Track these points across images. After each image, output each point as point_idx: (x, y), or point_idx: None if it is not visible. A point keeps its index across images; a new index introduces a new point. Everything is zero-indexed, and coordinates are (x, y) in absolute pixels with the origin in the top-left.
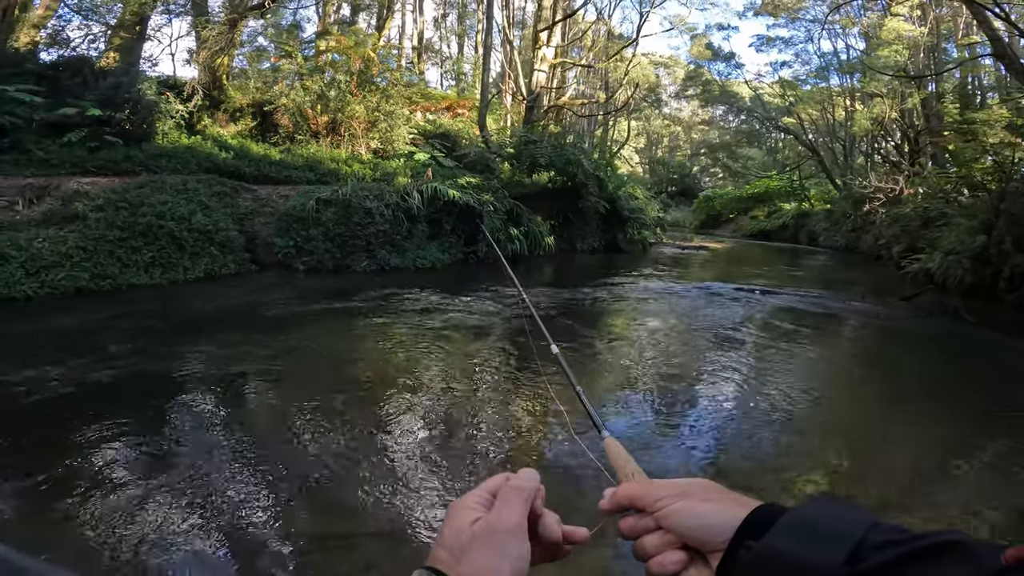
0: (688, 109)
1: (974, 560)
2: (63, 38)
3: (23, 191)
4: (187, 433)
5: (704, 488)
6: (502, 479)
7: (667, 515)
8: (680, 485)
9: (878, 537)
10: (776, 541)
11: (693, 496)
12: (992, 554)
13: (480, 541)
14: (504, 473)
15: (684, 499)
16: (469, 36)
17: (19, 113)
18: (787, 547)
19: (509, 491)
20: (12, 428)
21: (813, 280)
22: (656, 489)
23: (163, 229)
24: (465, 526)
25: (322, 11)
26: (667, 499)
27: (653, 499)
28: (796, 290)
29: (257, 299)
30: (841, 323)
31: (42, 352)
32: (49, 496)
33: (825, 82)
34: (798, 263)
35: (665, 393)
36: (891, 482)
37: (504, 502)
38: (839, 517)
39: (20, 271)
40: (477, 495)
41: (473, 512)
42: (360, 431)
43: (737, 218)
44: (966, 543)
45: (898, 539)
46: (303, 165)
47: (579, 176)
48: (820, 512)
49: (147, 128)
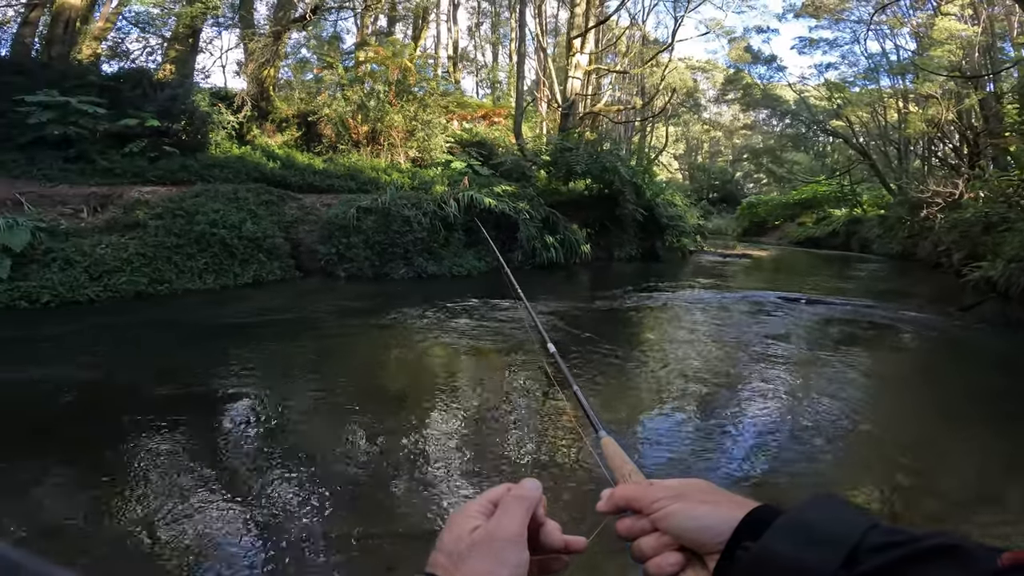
0: (729, 114)
1: (971, 563)
2: (123, 50)
3: (88, 199)
4: (229, 432)
5: (700, 489)
6: (503, 489)
7: (663, 517)
8: (676, 486)
9: (876, 539)
10: (772, 543)
11: (690, 497)
12: (989, 557)
13: (479, 548)
14: (506, 484)
15: (680, 501)
16: (503, 44)
17: (84, 124)
18: (783, 549)
19: (511, 500)
20: (68, 422)
21: (865, 289)
22: (653, 491)
23: (216, 236)
24: (465, 533)
25: (360, 22)
26: (663, 501)
27: (650, 501)
28: (846, 299)
29: (301, 304)
30: (895, 334)
31: (103, 349)
32: (95, 488)
33: (875, 83)
34: (849, 271)
35: (702, 405)
36: (945, 499)
37: (505, 511)
38: (837, 518)
39: (84, 275)
40: (478, 504)
41: (473, 520)
42: (393, 434)
43: (783, 225)
44: (963, 546)
45: (895, 541)
46: (345, 174)
47: (616, 183)
48: (817, 513)
49: (201, 139)
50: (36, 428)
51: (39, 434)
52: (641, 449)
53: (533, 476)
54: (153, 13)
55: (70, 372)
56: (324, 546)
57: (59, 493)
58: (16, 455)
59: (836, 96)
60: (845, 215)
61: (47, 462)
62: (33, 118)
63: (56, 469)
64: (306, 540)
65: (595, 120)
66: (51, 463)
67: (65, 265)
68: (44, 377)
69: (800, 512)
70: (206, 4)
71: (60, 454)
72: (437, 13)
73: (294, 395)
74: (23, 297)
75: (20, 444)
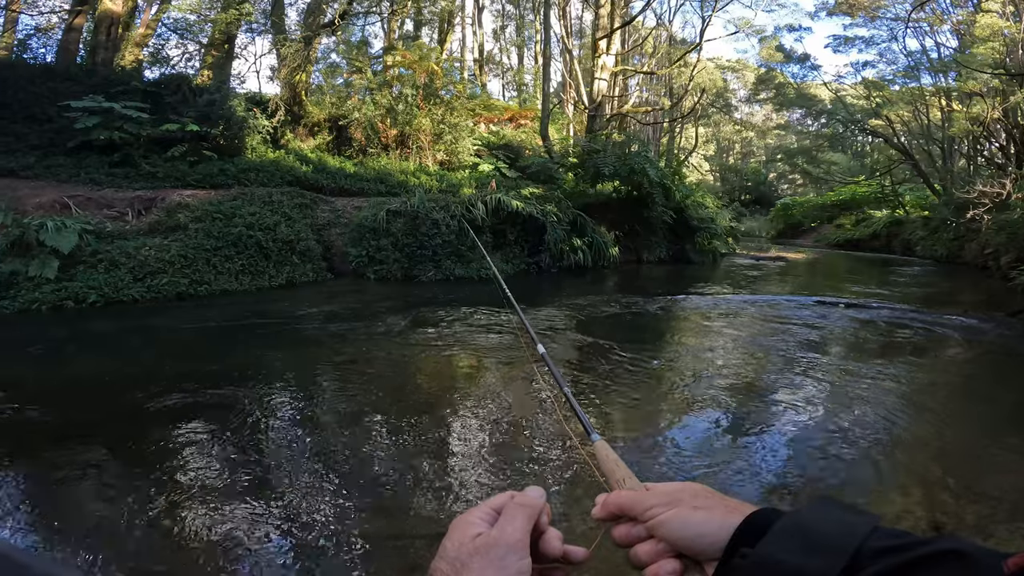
0: (761, 114)
1: (975, 568)
2: (163, 56)
3: (132, 203)
4: (260, 431)
5: (695, 494)
6: (507, 496)
7: (659, 525)
8: (670, 492)
9: (877, 543)
10: (771, 549)
11: (684, 504)
12: (993, 562)
13: (481, 555)
14: (509, 491)
15: (675, 507)
16: (528, 47)
17: (128, 129)
18: (782, 555)
19: (514, 507)
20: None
21: (908, 293)
22: (647, 497)
23: (252, 239)
24: (467, 540)
25: (387, 27)
26: (658, 508)
27: (644, 508)
28: (887, 303)
29: (333, 306)
30: (939, 340)
31: (150, 348)
32: (131, 484)
33: (915, 82)
34: (891, 274)
35: (733, 413)
36: (989, 510)
37: (508, 518)
38: (837, 521)
39: (128, 276)
40: (481, 511)
41: (476, 527)
42: (420, 437)
43: (820, 227)
44: (967, 551)
45: (897, 546)
46: (374, 177)
47: (644, 185)
48: (817, 517)
49: (238, 143)
50: (84, 423)
51: (85, 429)
52: (669, 458)
53: (543, 481)
54: (190, 19)
55: (119, 368)
56: (349, 545)
57: (96, 487)
58: (60, 451)
59: (875, 95)
60: (886, 217)
61: (89, 458)
62: (80, 123)
63: (98, 463)
64: (331, 538)
65: (622, 122)
66: (94, 459)
67: (111, 266)
68: (97, 374)
69: (799, 516)
70: (240, 10)
71: (104, 450)
72: (462, 16)
73: (325, 395)
74: (70, 297)
75: (66, 440)
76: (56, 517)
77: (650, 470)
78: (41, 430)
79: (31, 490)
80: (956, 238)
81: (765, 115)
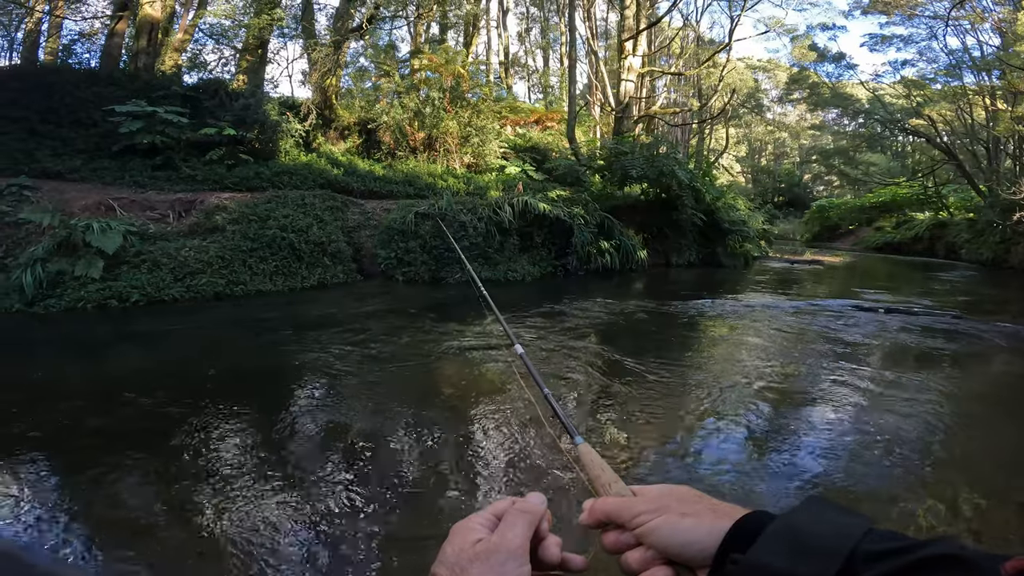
0: (794, 114)
1: (974, 572)
2: (200, 61)
3: (173, 205)
4: (290, 429)
5: (682, 500)
6: (508, 503)
7: (647, 533)
8: (657, 498)
9: (871, 546)
10: (762, 555)
11: (671, 510)
12: (991, 565)
13: (481, 560)
14: (511, 497)
15: (662, 514)
16: (553, 49)
17: (169, 133)
18: (775, 561)
19: (515, 513)
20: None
21: (952, 298)
22: (634, 504)
23: (285, 241)
24: (467, 545)
25: (413, 31)
26: (645, 515)
27: (631, 515)
28: (931, 309)
29: (365, 307)
30: (986, 347)
31: (193, 345)
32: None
33: (957, 80)
34: (934, 278)
35: (764, 421)
36: None
37: (509, 524)
38: (829, 524)
39: (169, 276)
40: (482, 517)
41: (476, 532)
42: (444, 438)
43: (858, 229)
44: (963, 555)
45: (892, 549)
46: (403, 180)
47: (674, 187)
48: (809, 520)
49: (272, 146)
50: (124, 418)
51: (126, 424)
52: (694, 465)
53: None
54: (225, 25)
55: (159, 366)
56: (372, 544)
57: (133, 483)
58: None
59: (915, 94)
60: (929, 219)
61: (127, 454)
62: (124, 128)
63: (136, 460)
64: (355, 537)
65: (650, 123)
66: (132, 455)
67: (153, 267)
68: (139, 370)
69: (790, 519)
70: (272, 15)
71: (141, 446)
72: (487, 20)
73: (355, 394)
74: (114, 296)
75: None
76: (93, 512)
77: (676, 478)
78: (81, 427)
79: (68, 484)
80: (1002, 241)
81: (799, 115)
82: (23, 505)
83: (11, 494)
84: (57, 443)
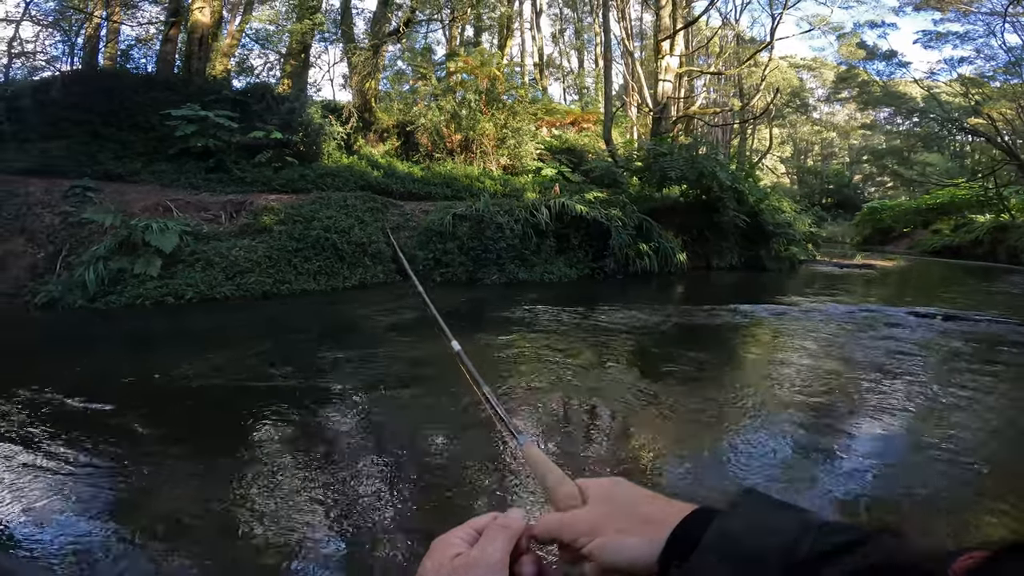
0: (843, 113)
1: None
2: (247, 65)
3: (225, 206)
4: (327, 425)
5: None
6: (489, 517)
7: (592, 553)
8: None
9: (813, 547)
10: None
11: (606, 529)
12: (938, 569)
13: (460, 574)
14: (492, 512)
15: (599, 535)
16: (588, 50)
17: (221, 136)
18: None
19: (495, 528)
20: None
21: (1015, 304)
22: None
23: (328, 241)
24: (446, 560)
25: (448, 34)
26: (583, 538)
27: (571, 538)
28: (991, 315)
29: (403, 306)
30: None
31: (244, 342)
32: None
33: (1018, 78)
34: (995, 284)
35: (809, 430)
36: None
37: (489, 539)
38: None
39: (221, 275)
40: (462, 531)
41: (456, 547)
42: (475, 437)
43: (912, 232)
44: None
45: (831, 551)
46: (441, 182)
47: (714, 189)
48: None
49: (315, 149)
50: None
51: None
52: (737, 474)
53: None
54: (270, 30)
55: (227, 362)
56: (401, 541)
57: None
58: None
59: (973, 92)
60: (990, 221)
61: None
62: (179, 131)
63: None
64: (383, 533)
65: (689, 124)
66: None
67: (207, 266)
68: (179, 369)
69: (727, 523)
70: (313, 20)
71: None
72: (520, 22)
73: (391, 392)
74: (171, 293)
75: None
76: (136, 503)
77: (716, 486)
78: (130, 419)
79: (108, 476)
80: None
81: (848, 114)
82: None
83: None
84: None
